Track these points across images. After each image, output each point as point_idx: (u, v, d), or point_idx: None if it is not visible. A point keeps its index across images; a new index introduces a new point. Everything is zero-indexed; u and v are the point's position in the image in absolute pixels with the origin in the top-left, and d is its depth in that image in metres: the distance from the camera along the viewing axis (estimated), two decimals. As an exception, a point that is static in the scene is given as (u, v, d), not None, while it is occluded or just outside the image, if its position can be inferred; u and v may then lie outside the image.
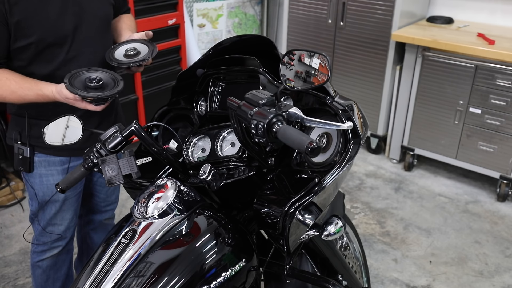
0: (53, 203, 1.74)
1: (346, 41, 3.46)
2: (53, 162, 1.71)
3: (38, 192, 1.73)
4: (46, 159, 1.70)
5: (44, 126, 1.36)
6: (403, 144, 3.43)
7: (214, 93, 1.49)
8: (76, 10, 1.56)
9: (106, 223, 2.05)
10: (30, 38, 1.49)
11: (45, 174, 1.71)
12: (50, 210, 1.76)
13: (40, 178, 1.72)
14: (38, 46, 1.52)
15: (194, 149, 1.42)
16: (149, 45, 1.60)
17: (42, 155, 1.69)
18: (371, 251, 2.64)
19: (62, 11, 1.53)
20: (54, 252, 1.84)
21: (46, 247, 1.82)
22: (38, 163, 1.70)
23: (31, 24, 1.48)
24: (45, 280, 1.89)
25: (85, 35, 1.60)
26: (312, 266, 1.47)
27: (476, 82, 2.94)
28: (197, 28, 4.01)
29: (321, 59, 1.16)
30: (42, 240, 1.81)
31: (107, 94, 1.46)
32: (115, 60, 1.56)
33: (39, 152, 1.69)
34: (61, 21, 1.53)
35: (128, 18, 1.85)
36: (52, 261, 1.86)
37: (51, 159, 1.70)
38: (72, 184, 1.32)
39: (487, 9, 3.36)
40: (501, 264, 2.56)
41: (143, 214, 1.17)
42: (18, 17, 1.46)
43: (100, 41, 1.66)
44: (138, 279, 1.08)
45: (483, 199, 3.13)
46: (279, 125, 1.06)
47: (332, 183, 1.15)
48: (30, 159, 1.67)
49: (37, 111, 1.62)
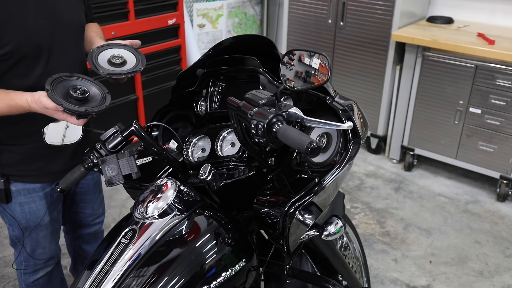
0: (39, 227, 1.66)
1: (346, 41, 3.46)
2: (33, 189, 1.59)
3: (20, 220, 1.62)
4: (24, 187, 1.57)
5: (26, 150, 1.31)
6: (403, 144, 3.43)
7: (214, 93, 1.49)
8: (51, 18, 1.46)
9: (96, 233, 2.00)
10: (4, 48, 1.36)
11: (26, 202, 1.60)
12: (37, 235, 1.68)
13: (21, 207, 1.60)
14: (13, 56, 1.39)
15: (194, 149, 1.43)
16: (134, 53, 1.46)
17: (19, 184, 1.56)
18: (371, 251, 2.64)
19: (37, 19, 1.42)
20: (49, 269, 1.80)
21: (39, 266, 1.76)
22: (16, 193, 1.57)
23: (5, 33, 1.36)
24: None
25: (63, 45, 1.50)
26: (312, 266, 1.47)
27: (476, 82, 2.94)
28: (197, 28, 4.01)
29: (321, 59, 1.16)
30: (32, 262, 1.75)
31: (94, 110, 1.26)
32: (103, 69, 1.39)
33: (15, 181, 1.56)
34: (37, 29, 1.42)
35: (95, 26, 1.77)
36: (47, 277, 1.81)
37: (30, 186, 1.58)
38: (72, 184, 1.32)
39: (487, 9, 3.36)
40: (501, 264, 2.56)
41: (143, 214, 1.17)
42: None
43: (79, 51, 1.58)
44: (138, 279, 1.08)
45: (483, 199, 3.13)
46: (279, 125, 1.06)
47: (332, 183, 1.15)
48: (6, 190, 1.54)
49: (8, 133, 1.48)
